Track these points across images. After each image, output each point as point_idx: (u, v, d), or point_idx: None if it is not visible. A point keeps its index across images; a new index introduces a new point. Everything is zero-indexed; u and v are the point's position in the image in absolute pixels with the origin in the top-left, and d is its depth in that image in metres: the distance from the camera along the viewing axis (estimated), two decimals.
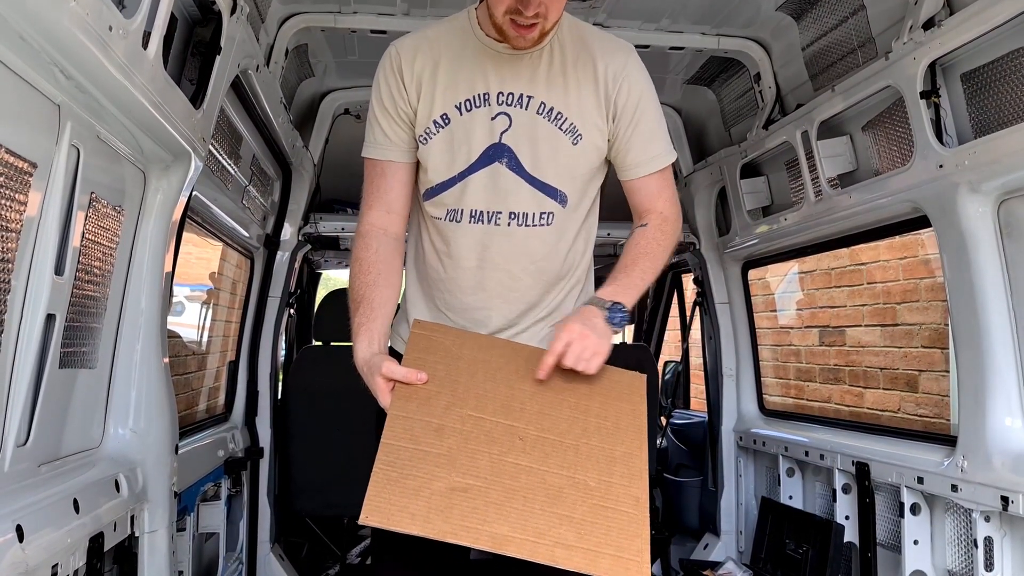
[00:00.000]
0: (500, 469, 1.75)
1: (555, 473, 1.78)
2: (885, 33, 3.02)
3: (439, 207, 2.14)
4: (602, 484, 1.80)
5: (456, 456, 1.75)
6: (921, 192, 2.81)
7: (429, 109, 2.08)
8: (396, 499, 1.65)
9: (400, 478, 1.68)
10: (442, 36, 2.13)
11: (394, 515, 1.64)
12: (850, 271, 5.86)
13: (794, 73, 3.66)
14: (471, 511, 1.68)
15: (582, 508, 1.74)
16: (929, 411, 5.09)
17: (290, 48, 3.56)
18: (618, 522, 1.75)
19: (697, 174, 4.52)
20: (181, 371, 4.58)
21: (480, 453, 1.77)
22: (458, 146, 2.08)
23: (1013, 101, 2.50)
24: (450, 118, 2.07)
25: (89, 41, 1.59)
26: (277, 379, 4.27)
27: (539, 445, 1.82)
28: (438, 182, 2.11)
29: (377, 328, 2.00)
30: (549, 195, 2.11)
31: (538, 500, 1.72)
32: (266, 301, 4.17)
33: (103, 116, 1.89)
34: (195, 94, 2.39)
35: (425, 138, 2.09)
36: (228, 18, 2.44)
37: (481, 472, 1.74)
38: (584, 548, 1.69)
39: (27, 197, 1.69)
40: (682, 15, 3.57)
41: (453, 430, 1.79)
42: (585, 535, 1.71)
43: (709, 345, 4.65)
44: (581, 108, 2.10)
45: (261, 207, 3.94)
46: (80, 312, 2.04)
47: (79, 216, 1.90)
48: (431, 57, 2.08)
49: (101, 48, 1.64)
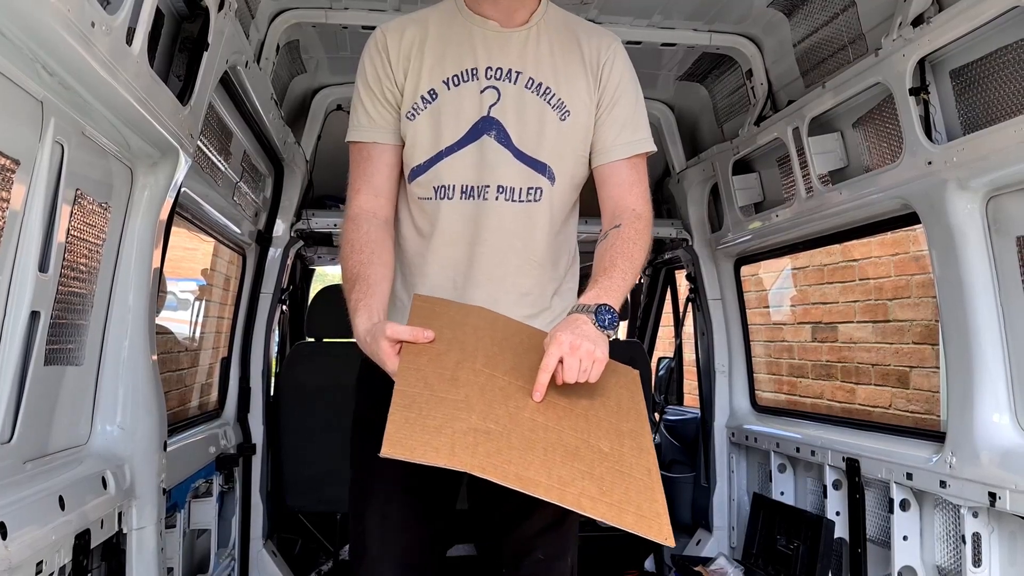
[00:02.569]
0: (518, 421, 1.70)
1: (570, 434, 1.74)
2: (875, 30, 3.02)
3: (425, 187, 2.10)
4: (615, 452, 1.77)
5: (473, 403, 1.69)
6: (910, 189, 2.82)
7: (416, 85, 2.07)
8: (418, 435, 1.58)
9: (419, 418, 1.62)
10: (429, 16, 2.15)
11: (417, 448, 1.56)
12: (842, 267, 5.86)
13: (786, 69, 3.66)
14: (495, 451, 1.61)
15: (600, 468, 1.70)
16: (920, 407, 5.10)
17: (281, 44, 3.55)
18: (635, 487, 1.72)
19: (689, 170, 4.52)
20: (173, 367, 4.58)
21: (497, 404, 1.72)
22: (446, 121, 2.07)
23: (1001, 98, 2.50)
24: (437, 93, 2.06)
25: (71, 37, 1.58)
26: (270, 375, 4.27)
27: (552, 408, 1.78)
28: (426, 159, 2.09)
29: (376, 304, 1.95)
30: (538, 170, 2.10)
31: (557, 454, 1.68)
32: (258, 297, 4.16)
33: (88, 112, 1.88)
34: (182, 90, 2.38)
35: (412, 113, 2.07)
36: (216, 14, 2.43)
37: (500, 420, 1.68)
38: (608, 502, 1.65)
39: (9, 194, 1.68)
40: (674, 11, 3.57)
41: (467, 381, 1.74)
42: (607, 491, 1.67)
43: (702, 341, 4.65)
44: (570, 85, 2.11)
45: (253, 203, 3.93)
46: (66, 309, 2.04)
47: (64, 213, 1.90)
48: (418, 35, 2.09)
49: (84, 44, 1.64)
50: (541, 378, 1.78)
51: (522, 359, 1.87)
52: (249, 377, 4.09)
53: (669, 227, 4.70)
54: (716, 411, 4.48)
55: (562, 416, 1.78)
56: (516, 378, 1.81)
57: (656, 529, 1.67)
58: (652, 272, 5.62)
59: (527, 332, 2.00)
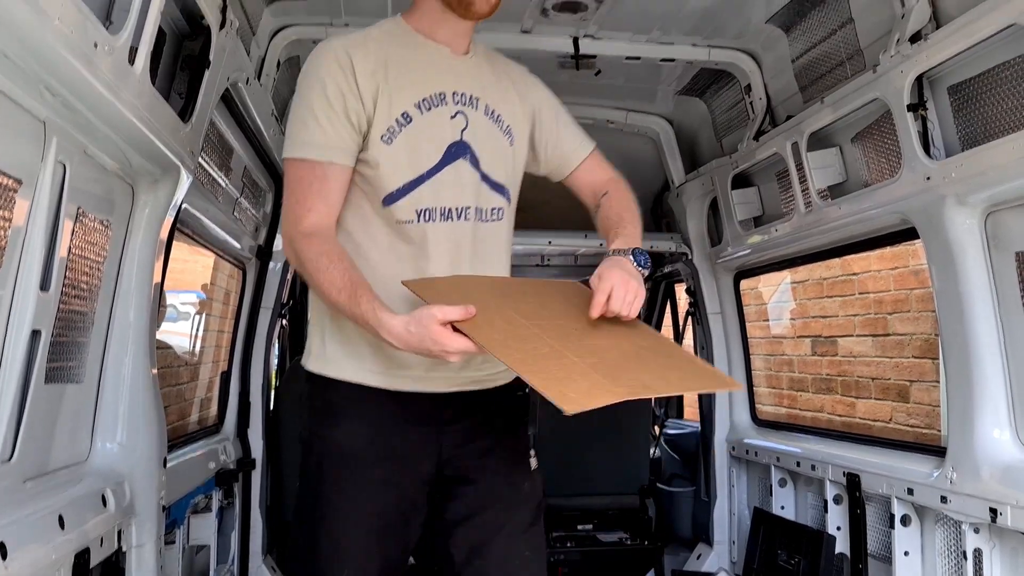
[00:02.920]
0: (591, 351, 1.83)
1: (628, 347, 1.91)
2: (873, 46, 3.04)
3: (407, 210, 2.07)
4: (662, 349, 2.02)
5: (561, 350, 1.79)
6: (909, 204, 2.83)
7: (389, 107, 2.04)
8: (574, 387, 1.68)
9: (553, 376, 1.70)
10: (384, 38, 2.11)
11: (583, 397, 1.65)
12: (842, 281, 5.87)
13: (784, 85, 3.68)
14: (617, 374, 1.76)
15: (660, 362, 1.92)
16: (920, 421, 5.10)
17: (282, 60, 3.57)
18: (689, 367, 2.02)
19: (689, 184, 4.54)
20: (173, 382, 4.58)
21: (569, 345, 1.82)
22: (423, 145, 2.08)
23: (999, 114, 2.52)
24: (411, 116, 2.06)
25: (74, 58, 1.59)
26: (269, 390, 4.26)
27: (605, 334, 1.94)
28: (404, 182, 2.07)
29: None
30: (499, 192, 2.18)
31: (631, 364, 1.85)
32: (258, 312, 4.16)
33: (90, 131, 1.89)
34: (184, 108, 2.40)
35: (389, 137, 2.04)
36: (217, 32, 2.44)
37: (585, 354, 1.79)
38: (685, 383, 2.01)
39: (11, 213, 1.69)
40: (673, 26, 3.58)
41: (535, 336, 1.81)
42: (685, 377, 1.97)
43: (701, 355, 4.65)
44: (511, 111, 2.22)
45: (253, 218, 3.94)
46: (67, 327, 2.04)
47: (65, 231, 1.90)
48: (380, 57, 2.06)
49: (87, 65, 1.65)
50: (599, 298, 1.93)
51: (546, 304, 2.01)
52: (249, 392, 4.09)
53: (668, 241, 4.71)
54: (716, 425, 4.48)
55: (616, 337, 1.94)
56: (556, 319, 1.94)
57: (723, 382, 2.26)
58: (652, 286, 5.63)
59: (523, 283, 2.19)
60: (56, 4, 1.48)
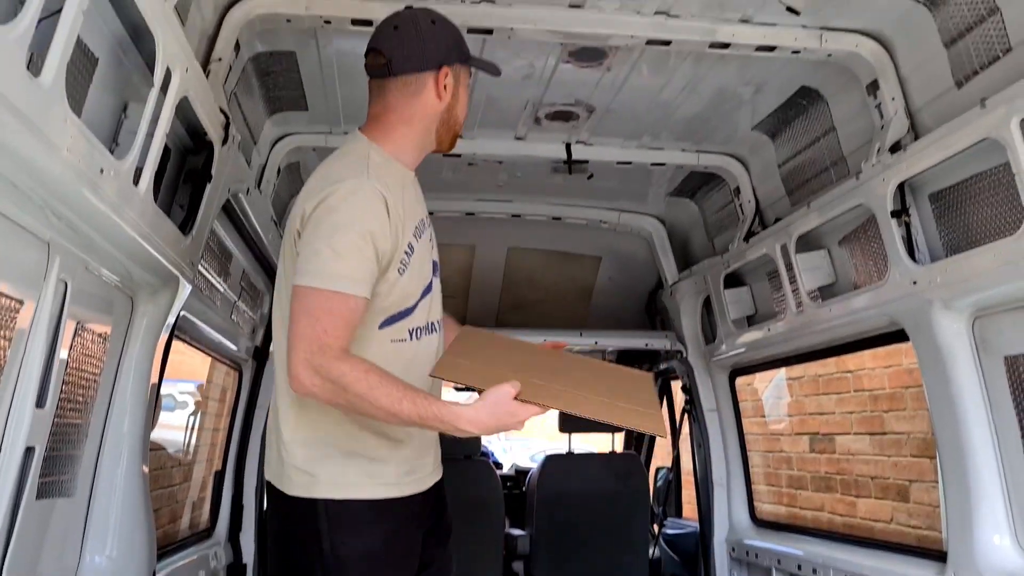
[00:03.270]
0: (577, 384, 2.21)
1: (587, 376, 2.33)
2: (855, 153, 3.14)
3: (401, 330, 2.19)
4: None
5: (573, 392, 2.17)
6: (897, 307, 2.86)
7: (400, 240, 2.13)
8: (618, 414, 2.15)
9: (603, 410, 2.11)
10: (382, 167, 2.19)
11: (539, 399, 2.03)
12: (837, 378, 5.87)
13: (772, 188, 3.77)
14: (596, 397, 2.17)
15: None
16: (921, 522, 5.02)
17: (282, 167, 3.67)
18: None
19: (682, 283, 4.59)
20: (166, 483, 4.52)
21: (569, 383, 2.20)
22: (421, 270, 2.23)
23: (979, 222, 2.58)
24: (413, 247, 2.19)
25: (80, 185, 1.65)
26: (263, 492, 4.21)
27: (562, 368, 2.33)
28: (408, 306, 2.18)
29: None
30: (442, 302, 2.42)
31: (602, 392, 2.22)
32: (254, 412, 4.15)
33: (92, 249, 1.93)
34: (185, 220, 2.45)
35: (403, 268, 2.15)
36: (220, 147, 2.52)
37: (577, 386, 2.20)
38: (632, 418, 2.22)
39: (12, 333, 1.71)
40: (662, 132, 3.70)
41: (558, 389, 2.16)
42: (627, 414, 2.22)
43: (699, 453, 4.62)
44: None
45: (250, 320, 3.97)
46: (61, 441, 2.04)
47: (64, 346, 1.92)
48: (394, 195, 2.15)
49: (92, 189, 1.70)
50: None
51: (525, 354, 2.40)
52: (243, 494, 4.05)
53: (663, 339, 4.74)
54: (715, 525, 4.42)
55: (574, 367, 2.42)
56: (542, 367, 2.26)
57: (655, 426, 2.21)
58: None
59: (496, 338, 2.48)
60: (65, 136, 1.54)
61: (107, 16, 1.88)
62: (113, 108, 2.06)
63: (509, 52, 2.97)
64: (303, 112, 3.45)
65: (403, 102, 2.21)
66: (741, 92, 3.29)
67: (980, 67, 2.49)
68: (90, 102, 1.91)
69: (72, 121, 1.57)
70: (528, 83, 3.22)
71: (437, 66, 2.21)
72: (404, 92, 2.21)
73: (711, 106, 3.42)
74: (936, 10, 2.56)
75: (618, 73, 3.14)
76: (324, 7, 2.62)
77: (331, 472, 2.15)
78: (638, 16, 2.71)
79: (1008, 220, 2.44)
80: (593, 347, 5.04)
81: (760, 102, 3.36)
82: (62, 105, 1.52)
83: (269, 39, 2.85)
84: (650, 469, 5.59)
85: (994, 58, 2.43)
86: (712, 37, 2.77)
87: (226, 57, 2.58)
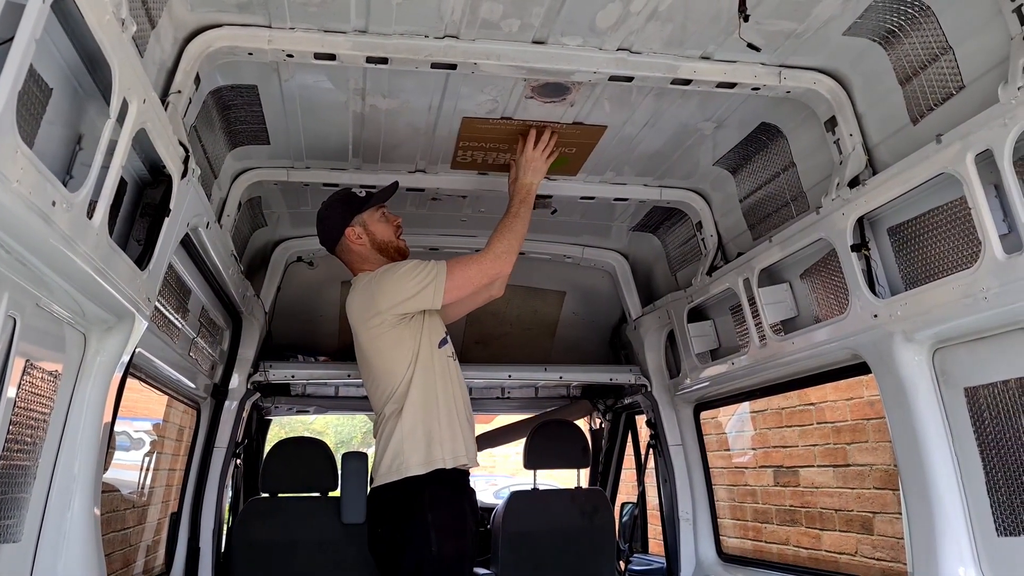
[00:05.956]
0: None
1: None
2: (815, 188, 3.18)
3: (447, 350, 3.46)
4: None
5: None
6: (859, 340, 2.89)
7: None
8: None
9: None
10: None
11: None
12: (800, 411, 5.91)
13: (734, 223, 3.81)
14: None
15: None
16: (885, 554, 5.04)
17: (243, 201, 3.62)
18: None
19: (646, 317, 4.60)
20: (119, 526, 4.38)
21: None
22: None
23: (937, 255, 2.62)
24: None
25: (31, 217, 1.59)
26: (220, 534, 4.09)
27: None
28: (444, 334, 3.49)
29: None
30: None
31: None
32: (212, 452, 4.05)
33: (43, 284, 1.87)
34: (141, 255, 2.39)
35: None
36: (179, 181, 2.47)
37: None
38: None
39: None
40: (625, 168, 3.73)
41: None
42: None
43: (664, 488, 4.60)
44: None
45: (209, 357, 3.89)
46: (6, 483, 1.96)
47: (11, 385, 1.85)
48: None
49: (44, 223, 1.65)
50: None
51: None
52: (199, 537, 3.93)
53: (628, 373, 4.73)
54: (682, 560, 4.39)
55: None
56: None
57: None
58: (613, 417, 5.61)
59: None
60: (15, 167, 1.49)
61: (62, 45, 1.85)
62: (67, 139, 2.01)
63: (473, 87, 2.98)
64: (265, 146, 3.41)
65: (351, 256, 3.51)
66: (702, 128, 3.33)
67: (935, 104, 2.54)
68: (43, 133, 1.86)
69: (23, 152, 1.52)
70: (492, 117, 3.23)
71: (342, 231, 3.45)
72: (346, 251, 3.51)
73: (673, 141, 3.45)
74: (891, 49, 2.62)
75: (581, 108, 3.16)
76: (286, 41, 2.60)
77: (422, 452, 3.29)
78: (600, 52, 2.73)
79: (965, 253, 2.48)
80: (558, 381, 5.01)
81: (721, 138, 3.41)
82: (12, 135, 1.48)
83: (230, 72, 2.82)
84: (615, 504, 5.55)
85: (948, 95, 2.49)
86: (674, 74, 2.80)
87: (186, 90, 2.54)
